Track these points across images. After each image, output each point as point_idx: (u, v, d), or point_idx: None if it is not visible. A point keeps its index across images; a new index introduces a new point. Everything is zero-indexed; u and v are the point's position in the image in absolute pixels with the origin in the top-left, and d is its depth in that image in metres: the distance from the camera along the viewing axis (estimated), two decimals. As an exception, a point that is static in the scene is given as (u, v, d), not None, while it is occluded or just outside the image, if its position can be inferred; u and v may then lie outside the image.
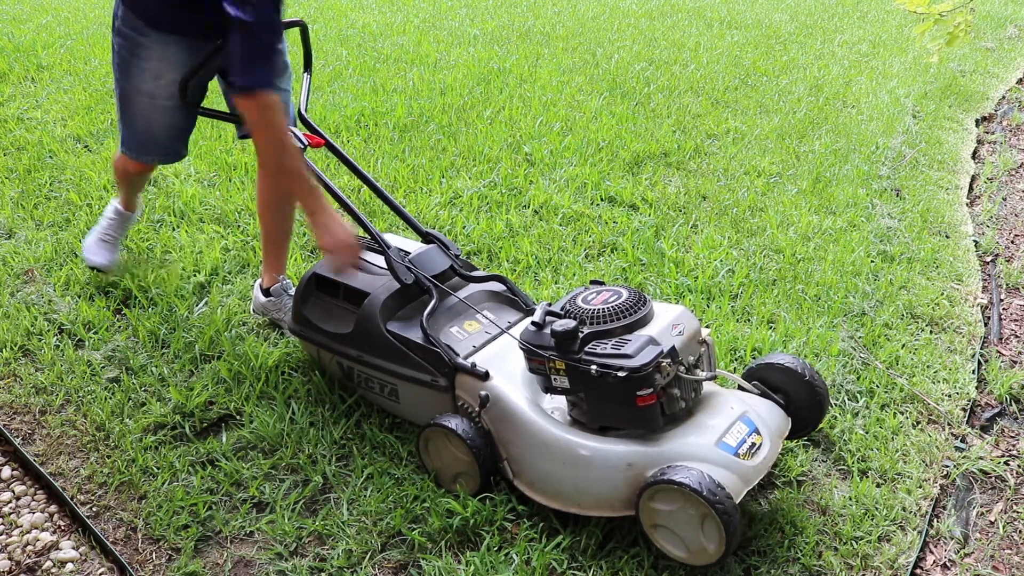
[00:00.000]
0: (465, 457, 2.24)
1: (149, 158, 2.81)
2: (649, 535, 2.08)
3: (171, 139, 2.74)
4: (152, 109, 2.62)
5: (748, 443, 2.08)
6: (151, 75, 2.56)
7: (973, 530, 2.29)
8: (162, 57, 2.53)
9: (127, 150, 2.77)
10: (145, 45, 2.52)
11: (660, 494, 2.00)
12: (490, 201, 3.92)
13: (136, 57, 2.54)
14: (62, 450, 2.50)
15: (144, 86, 2.58)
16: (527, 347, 2.18)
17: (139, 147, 2.75)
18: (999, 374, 2.86)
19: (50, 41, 6.13)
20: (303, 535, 2.22)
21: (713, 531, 1.95)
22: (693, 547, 2.02)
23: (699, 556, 2.02)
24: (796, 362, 2.31)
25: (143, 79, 2.57)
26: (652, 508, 2.03)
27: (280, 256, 2.99)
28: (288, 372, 2.77)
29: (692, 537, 2.01)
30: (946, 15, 2.67)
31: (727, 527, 1.91)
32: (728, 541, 1.93)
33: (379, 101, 5.11)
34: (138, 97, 2.61)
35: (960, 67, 6.49)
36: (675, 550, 2.06)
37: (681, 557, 2.06)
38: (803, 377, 2.29)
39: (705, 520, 1.95)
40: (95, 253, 3.19)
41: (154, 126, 2.68)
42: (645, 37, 6.89)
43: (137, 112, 2.65)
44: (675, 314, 2.19)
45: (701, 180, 4.26)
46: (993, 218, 4.08)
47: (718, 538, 1.95)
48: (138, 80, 2.57)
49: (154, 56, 2.54)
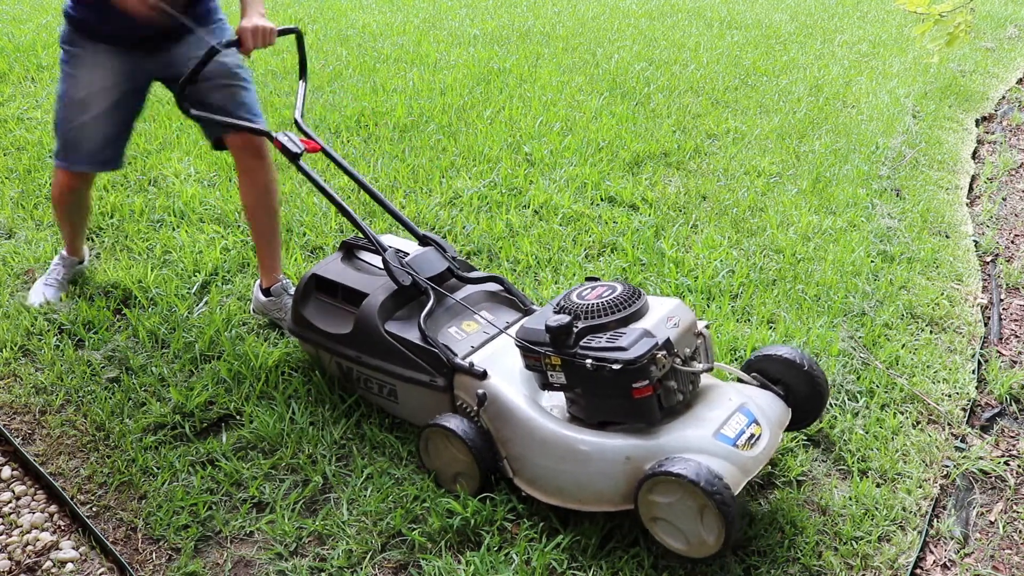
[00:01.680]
0: (464, 457, 2.24)
1: (77, 166, 2.84)
2: (649, 528, 2.08)
3: (103, 147, 2.79)
4: (84, 117, 2.70)
5: (747, 434, 2.08)
6: (83, 84, 2.66)
7: (973, 530, 2.29)
8: (93, 66, 2.65)
9: (60, 161, 2.83)
10: (77, 55, 2.66)
11: (659, 486, 1.99)
12: (490, 201, 3.92)
13: (70, 64, 2.67)
14: (62, 450, 2.50)
15: (77, 94, 2.68)
16: (523, 344, 2.19)
17: (66, 152, 2.80)
18: (999, 374, 2.86)
19: (50, 41, 6.12)
20: (303, 535, 2.22)
21: (712, 522, 1.95)
22: (693, 539, 2.01)
23: (699, 548, 2.02)
24: (795, 353, 2.30)
25: (76, 87, 2.67)
26: (651, 501, 2.03)
27: (274, 254, 3.00)
28: (288, 372, 2.78)
29: (691, 529, 2.00)
30: (946, 15, 2.67)
31: (726, 518, 1.91)
32: (728, 532, 1.92)
33: (379, 101, 5.11)
34: (71, 105, 2.70)
35: (960, 67, 6.48)
36: (675, 543, 2.05)
37: (681, 549, 2.05)
38: (802, 368, 2.28)
39: (704, 511, 1.95)
40: (35, 296, 3.12)
41: (87, 134, 2.74)
42: (645, 37, 6.89)
43: (69, 119, 2.73)
44: (670, 307, 2.19)
45: (701, 180, 4.26)
46: (993, 218, 4.08)
47: (717, 529, 1.95)
48: (72, 88, 2.68)
49: (86, 65, 2.65)
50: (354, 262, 2.71)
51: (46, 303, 3.08)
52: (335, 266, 2.69)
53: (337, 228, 3.67)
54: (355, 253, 2.74)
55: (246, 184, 2.90)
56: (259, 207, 2.92)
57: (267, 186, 2.90)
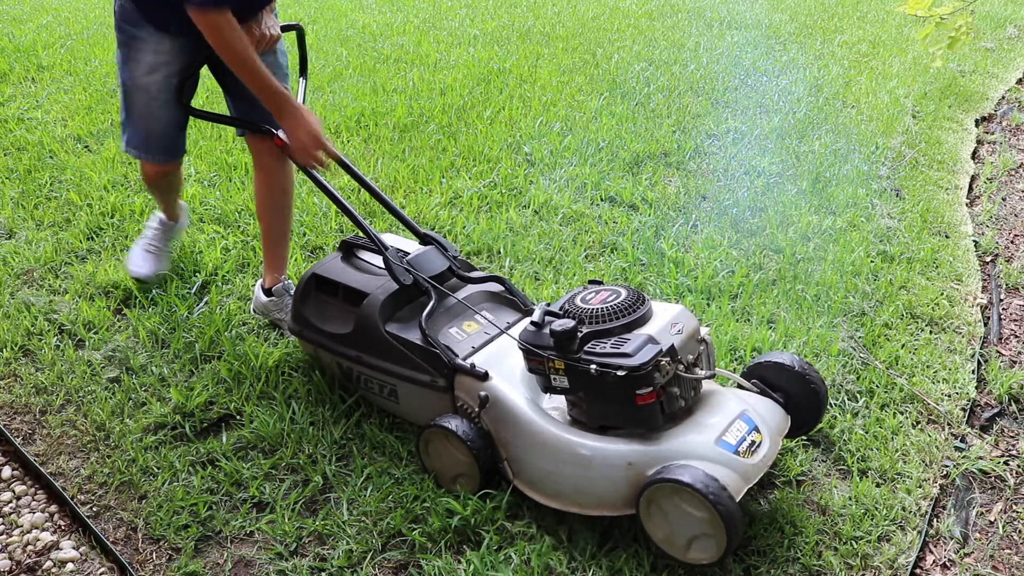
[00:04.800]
0: (465, 458, 2.24)
1: (149, 157, 2.79)
2: (650, 534, 2.08)
3: (171, 136, 2.73)
4: (149, 104, 2.62)
5: (748, 441, 2.08)
6: (145, 69, 2.56)
7: (973, 530, 2.29)
8: (157, 51, 2.54)
9: (131, 148, 2.76)
10: (141, 38, 2.53)
11: (661, 493, 2.00)
12: (490, 201, 3.92)
13: (133, 49, 2.55)
14: (62, 450, 2.50)
15: (140, 81, 2.58)
16: (526, 347, 2.18)
17: (139, 144, 2.75)
18: (999, 374, 2.86)
19: (50, 41, 6.13)
20: (303, 535, 2.22)
21: (714, 529, 1.95)
22: (694, 546, 2.02)
23: (700, 554, 2.02)
24: (795, 360, 2.31)
25: (139, 73, 2.57)
26: (653, 507, 2.03)
27: (280, 255, 2.99)
28: (288, 372, 2.78)
29: (693, 535, 2.00)
30: (947, 18, 2.67)
31: (727, 525, 1.91)
32: (728, 539, 1.93)
33: (379, 101, 5.12)
34: (136, 92, 2.61)
35: (960, 67, 6.48)
36: (675, 549, 2.06)
37: (682, 556, 2.06)
38: (802, 375, 2.28)
39: (706, 519, 1.95)
40: (138, 264, 3.15)
41: (151, 124, 2.67)
42: (645, 37, 6.89)
43: (135, 107, 2.66)
44: (674, 313, 2.19)
45: (701, 180, 4.26)
46: (993, 218, 4.08)
47: (718, 536, 1.95)
48: (135, 73, 2.58)
49: (149, 50, 2.54)
50: (354, 261, 2.71)
51: (153, 275, 3.08)
52: (335, 265, 2.69)
53: (337, 228, 3.67)
54: (355, 252, 2.74)
55: (263, 182, 2.88)
56: (275, 207, 2.91)
57: (284, 188, 2.89)
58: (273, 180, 2.86)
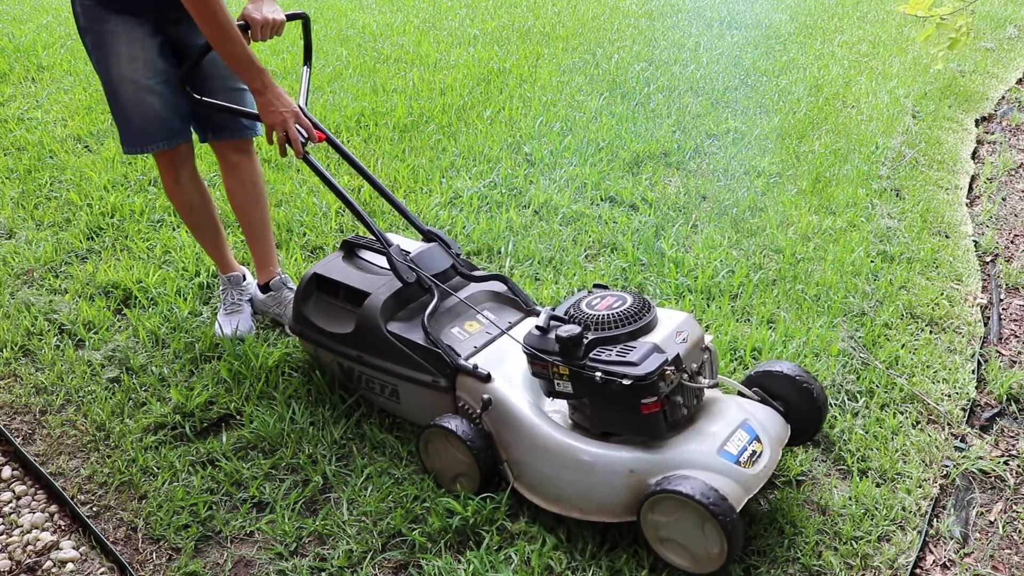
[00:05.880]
0: (465, 458, 2.24)
1: (153, 145, 2.69)
2: (651, 543, 2.08)
3: (166, 118, 2.65)
4: (138, 92, 2.58)
5: (749, 451, 2.08)
6: (126, 60, 2.54)
7: (973, 530, 2.29)
8: (131, 39, 2.52)
9: (132, 147, 2.68)
10: (110, 31, 2.51)
11: (662, 503, 2.00)
12: (490, 201, 3.92)
13: (107, 45, 2.52)
14: (62, 450, 2.50)
15: (124, 72, 2.55)
16: (531, 352, 2.17)
17: (139, 137, 2.66)
18: (999, 374, 2.86)
19: (50, 41, 6.13)
20: (303, 535, 2.22)
21: (715, 539, 1.95)
22: (695, 555, 2.02)
23: (700, 564, 2.03)
24: (796, 369, 2.31)
25: (120, 65, 2.54)
26: (654, 517, 2.03)
27: (267, 248, 2.98)
28: (288, 372, 2.78)
29: (693, 545, 2.01)
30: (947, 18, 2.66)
31: (729, 536, 1.91)
32: (730, 550, 1.94)
33: (379, 101, 5.12)
34: (123, 85, 2.57)
35: (960, 67, 6.49)
36: (676, 558, 2.06)
37: (682, 565, 2.06)
38: (803, 384, 2.28)
39: (706, 529, 1.95)
40: (223, 327, 2.97)
41: (146, 111, 2.61)
42: (645, 37, 6.89)
43: (125, 100, 2.60)
44: (679, 321, 2.18)
45: (701, 180, 4.26)
46: (993, 218, 4.08)
47: (719, 546, 1.95)
48: (116, 67, 2.54)
49: (123, 41, 2.52)
50: (355, 261, 2.71)
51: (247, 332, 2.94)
52: (336, 265, 2.69)
53: (337, 228, 3.67)
54: (356, 252, 2.74)
55: (233, 180, 2.87)
56: (248, 199, 2.89)
57: (255, 180, 2.88)
58: (243, 172, 2.86)
